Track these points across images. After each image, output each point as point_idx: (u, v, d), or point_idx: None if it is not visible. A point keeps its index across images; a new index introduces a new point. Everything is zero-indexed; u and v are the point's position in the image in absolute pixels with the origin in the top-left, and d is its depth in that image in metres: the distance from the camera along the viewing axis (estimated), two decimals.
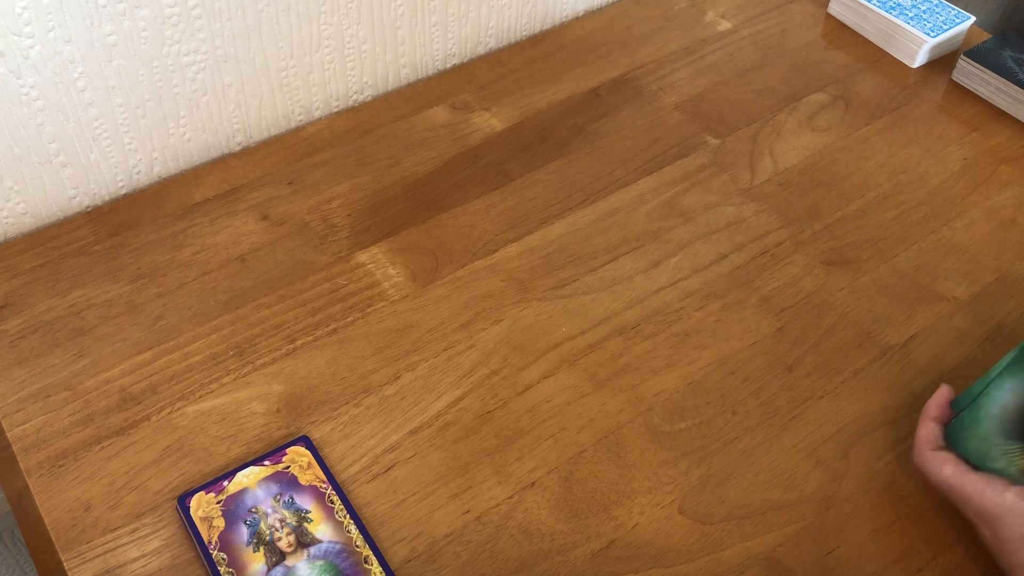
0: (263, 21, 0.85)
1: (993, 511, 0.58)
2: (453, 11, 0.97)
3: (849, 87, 0.98)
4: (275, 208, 0.84)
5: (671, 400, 0.72)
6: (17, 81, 0.75)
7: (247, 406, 0.70)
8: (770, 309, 0.78)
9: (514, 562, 0.63)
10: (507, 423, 0.70)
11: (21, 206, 0.82)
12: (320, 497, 0.64)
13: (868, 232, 0.84)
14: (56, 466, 0.67)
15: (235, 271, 0.79)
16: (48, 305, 0.76)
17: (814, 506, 0.66)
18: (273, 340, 0.74)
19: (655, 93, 0.97)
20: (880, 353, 0.75)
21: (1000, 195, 0.88)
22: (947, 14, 1.01)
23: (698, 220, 0.85)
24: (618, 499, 0.66)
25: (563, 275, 0.80)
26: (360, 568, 0.61)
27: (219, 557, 0.61)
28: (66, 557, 0.62)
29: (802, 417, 0.71)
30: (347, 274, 0.79)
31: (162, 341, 0.74)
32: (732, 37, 1.04)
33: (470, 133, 0.92)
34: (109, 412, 0.70)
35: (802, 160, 0.91)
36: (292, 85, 0.91)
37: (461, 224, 0.84)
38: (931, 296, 0.80)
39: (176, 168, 0.89)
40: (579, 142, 0.92)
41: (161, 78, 0.82)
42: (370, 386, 0.72)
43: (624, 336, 0.76)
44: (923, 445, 0.64)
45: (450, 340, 0.75)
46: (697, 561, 0.63)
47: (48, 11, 0.73)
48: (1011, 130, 0.94)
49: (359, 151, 0.90)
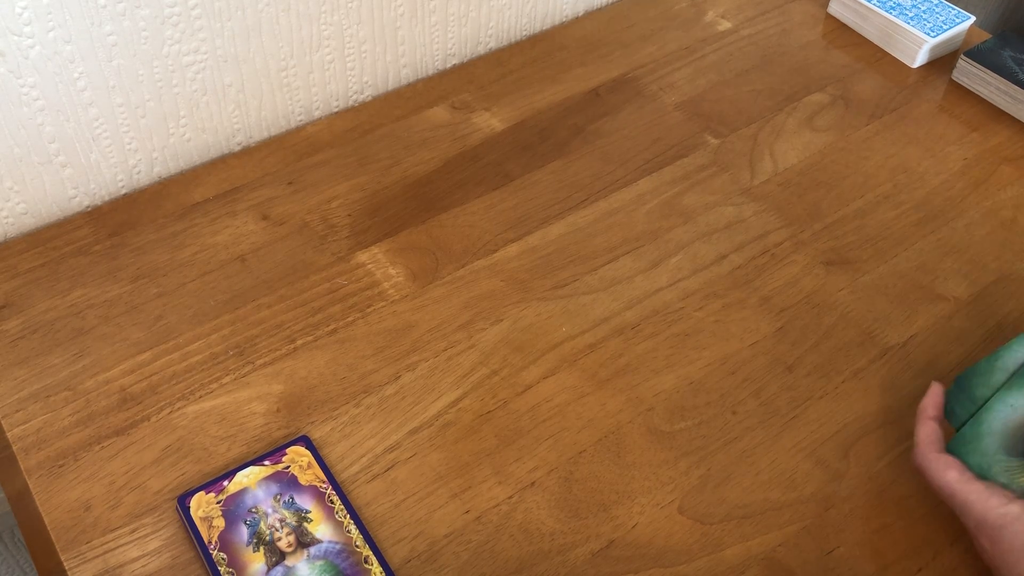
0: (263, 21, 0.85)
1: (996, 521, 0.57)
2: (453, 11, 0.97)
3: (849, 87, 0.98)
4: (275, 208, 0.84)
5: (671, 400, 0.72)
6: (17, 81, 0.75)
7: (247, 406, 0.70)
8: (770, 309, 0.78)
9: (514, 562, 0.63)
10: (507, 423, 0.70)
11: (21, 206, 0.82)
12: (320, 497, 0.64)
13: (868, 232, 0.84)
14: (56, 466, 0.67)
15: (235, 271, 0.79)
16: (48, 305, 0.76)
17: (814, 506, 0.66)
18: (273, 340, 0.74)
19: (655, 93, 0.97)
20: (880, 353, 0.75)
21: (1000, 195, 0.88)
22: (947, 14, 1.01)
23: (698, 220, 0.85)
24: (618, 499, 0.66)
25: (563, 275, 0.80)
26: (360, 568, 0.61)
27: (219, 557, 0.61)
28: (66, 557, 0.62)
29: (802, 417, 0.71)
30: (347, 274, 0.79)
31: (162, 341, 0.74)
32: (732, 37, 1.04)
33: (470, 133, 0.92)
34: (109, 412, 0.70)
35: (802, 160, 0.91)
36: (292, 85, 0.91)
37: (461, 224, 0.84)
38: (931, 296, 0.80)
39: (176, 168, 0.89)
40: (579, 142, 0.92)
41: (161, 78, 0.82)
42: (370, 386, 0.72)
43: (624, 336, 0.76)
44: (926, 446, 0.63)
45: (450, 340, 0.75)
46: (697, 561, 0.63)
47: (48, 11, 0.73)
48: (1011, 130, 0.94)
49: (359, 151, 0.90)
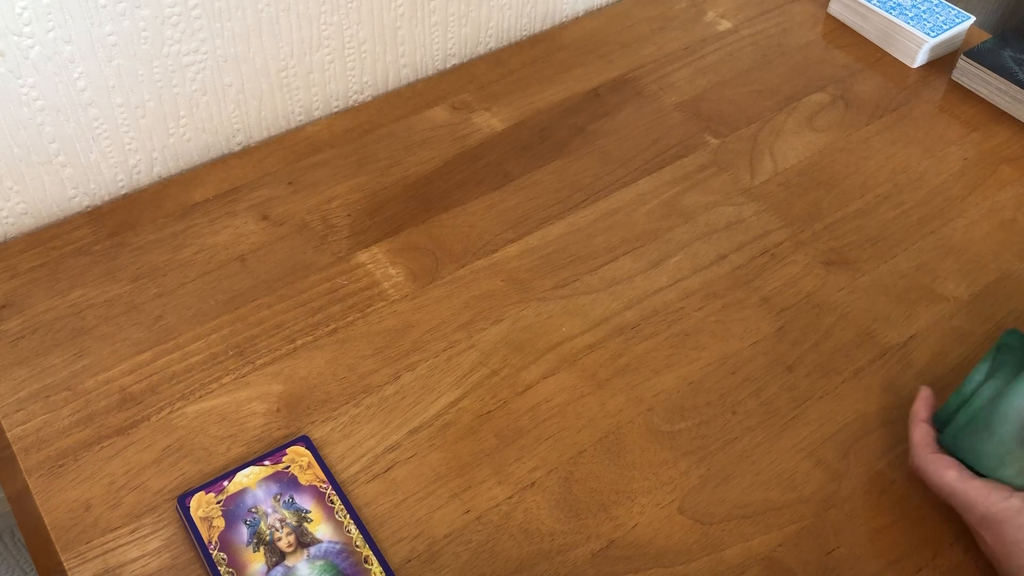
0: (263, 21, 0.85)
1: (998, 515, 0.58)
2: (453, 11, 0.97)
3: (849, 87, 0.98)
4: (275, 208, 0.84)
5: (671, 400, 0.72)
6: (17, 81, 0.75)
7: (247, 406, 0.70)
8: (770, 309, 0.78)
9: (514, 562, 0.63)
10: (507, 423, 0.70)
11: (21, 206, 0.82)
12: (320, 497, 0.64)
13: (868, 232, 0.84)
14: (56, 466, 0.67)
15: (235, 271, 0.79)
16: (48, 305, 0.76)
17: (814, 506, 0.66)
18: (273, 340, 0.74)
19: (655, 93, 0.97)
20: (880, 353, 0.75)
21: (1000, 195, 0.88)
22: (947, 14, 1.01)
23: (698, 220, 0.85)
24: (618, 499, 0.66)
25: (563, 275, 0.80)
26: (360, 568, 0.61)
27: (219, 557, 0.61)
28: (66, 557, 0.62)
29: (802, 417, 0.71)
30: (347, 274, 0.79)
31: (162, 341, 0.74)
32: (732, 37, 1.04)
33: (470, 133, 0.92)
34: (109, 412, 0.70)
35: (802, 160, 0.91)
36: (292, 85, 0.91)
37: (461, 224, 0.84)
38: (931, 296, 0.80)
39: (176, 168, 0.89)
40: (579, 142, 0.92)
41: (161, 78, 0.82)
42: (370, 386, 0.72)
43: (624, 336, 0.76)
44: (922, 448, 0.64)
45: (450, 340, 0.75)
46: (697, 561, 0.63)
47: (48, 11, 0.73)
48: (1011, 130, 0.94)
49: (359, 151, 0.90)
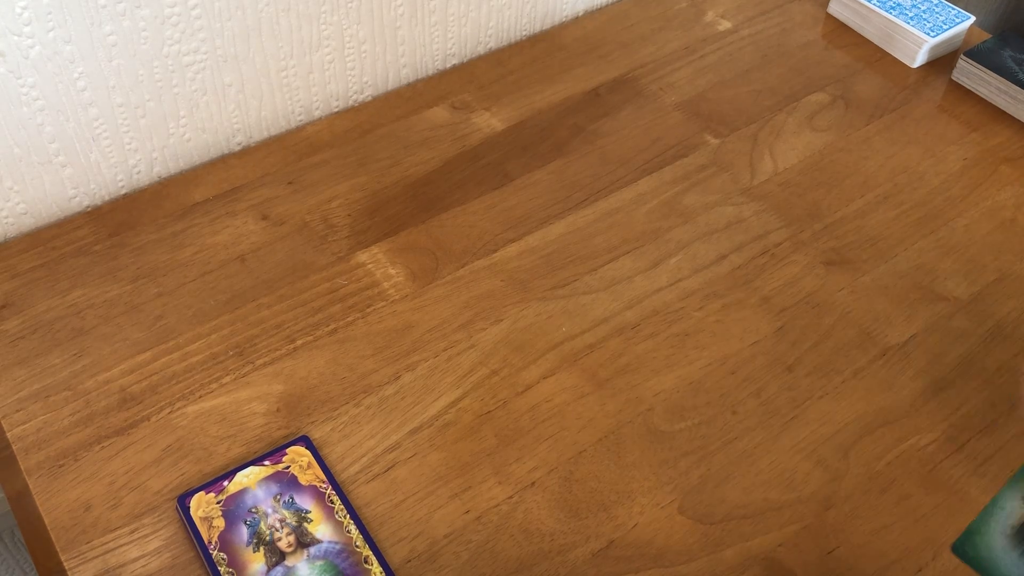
0: (263, 21, 0.85)
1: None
2: (453, 11, 0.97)
3: (849, 87, 0.98)
4: (275, 208, 0.84)
5: (671, 400, 0.72)
6: (17, 81, 0.75)
7: (247, 406, 0.70)
8: (770, 309, 0.78)
9: (514, 562, 0.63)
10: (507, 423, 0.70)
11: (21, 206, 0.82)
12: (320, 497, 0.64)
13: (868, 232, 0.84)
14: (56, 466, 0.67)
15: (235, 271, 0.79)
16: (48, 305, 0.76)
17: (814, 506, 0.66)
18: (273, 340, 0.74)
19: (655, 93, 0.97)
20: (880, 353, 0.75)
21: (1000, 195, 0.88)
22: (947, 14, 1.01)
23: (698, 220, 0.85)
24: (618, 499, 0.66)
25: (563, 275, 0.80)
26: (360, 568, 0.61)
27: (219, 557, 0.61)
28: (66, 557, 0.62)
29: (802, 417, 0.71)
30: (347, 274, 0.79)
31: (162, 341, 0.74)
32: (732, 37, 1.04)
33: (470, 133, 0.92)
34: (109, 412, 0.70)
35: (802, 160, 0.91)
36: (292, 85, 0.91)
37: (461, 224, 0.84)
38: (931, 296, 0.80)
39: (176, 168, 0.89)
40: (579, 142, 0.92)
41: (161, 78, 0.82)
42: (370, 386, 0.72)
43: (624, 336, 0.76)
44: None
45: (450, 340, 0.75)
46: (697, 561, 0.63)
47: (48, 11, 0.73)
48: (1011, 130, 0.94)
49: (359, 151, 0.90)
